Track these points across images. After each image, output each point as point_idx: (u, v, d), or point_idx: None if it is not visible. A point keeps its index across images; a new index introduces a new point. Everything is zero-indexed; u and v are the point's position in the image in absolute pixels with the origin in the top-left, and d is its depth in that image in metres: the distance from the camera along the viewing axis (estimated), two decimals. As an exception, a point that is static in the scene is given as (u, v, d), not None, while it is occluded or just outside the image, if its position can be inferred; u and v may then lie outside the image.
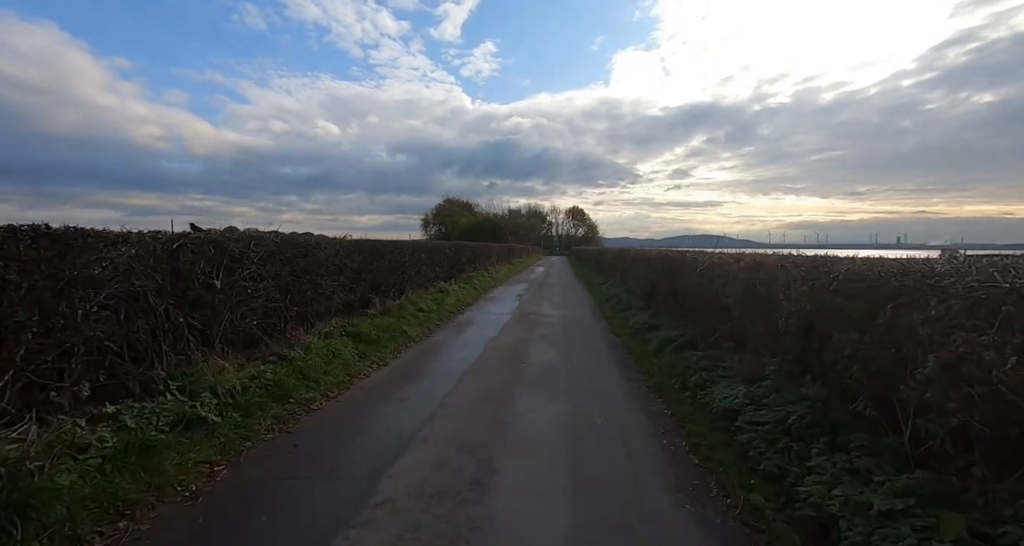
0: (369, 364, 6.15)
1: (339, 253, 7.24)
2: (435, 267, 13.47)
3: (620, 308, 11.42)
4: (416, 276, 11.59)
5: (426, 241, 12.35)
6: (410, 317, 9.06)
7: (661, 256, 9.12)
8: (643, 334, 8.25)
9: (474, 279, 16.92)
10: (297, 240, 6.10)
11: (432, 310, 10.31)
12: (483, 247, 22.44)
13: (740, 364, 5.18)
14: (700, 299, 7.10)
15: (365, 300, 8.69)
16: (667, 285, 8.70)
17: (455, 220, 70.24)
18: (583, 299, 14.44)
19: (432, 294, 12.11)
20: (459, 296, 13.25)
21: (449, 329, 9.11)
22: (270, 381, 4.58)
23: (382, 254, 9.20)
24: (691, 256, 7.43)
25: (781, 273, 4.24)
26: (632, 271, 13.11)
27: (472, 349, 7.22)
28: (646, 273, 10.62)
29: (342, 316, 7.62)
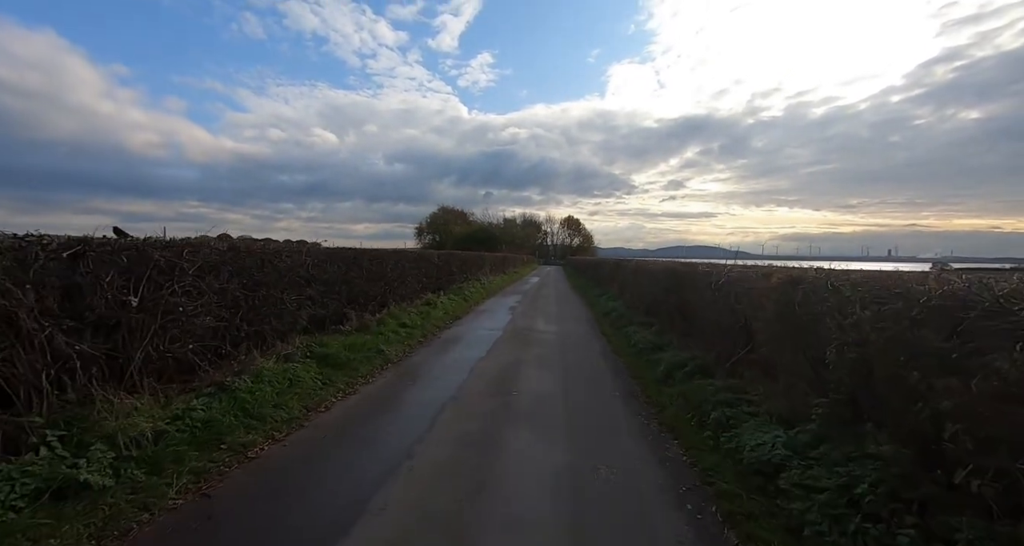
0: (334, 392, 5.26)
1: (307, 263, 6.39)
2: (422, 278, 12.61)
3: (620, 324, 10.59)
4: (400, 288, 10.73)
5: (411, 250, 11.51)
6: (390, 334, 8.19)
7: (667, 269, 8.32)
8: (648, 355, 7.42)
9: (465, 290, 16.07)
10: (251, 248, 5.25)
11: (416, 325, 9.44)
12: (475, 256, 21.62)
13: (770, 399, 4.36)
14: (714, 318, 6.29)
15: (340, 315, 7.82)
16: (674, 300, 7.90)
17: (450, 229, 69.51)
18: (580, 313, 13.61)
19: (418, 307, 11.24)
20: (448, 309, 12.38)
21: (433, 347, 8.24)
22: (199, 421, 3.70)
23: (360, 264, 8.34)
24: (704, 269, 6.63)
25: (830, 294, 3.44)
26: (632, 283, 12.32)
27: (456, 374, 6.35)
28: (649, 286, 9.82)
29: (310, 334, 6.75)
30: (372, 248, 9.24)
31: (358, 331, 7.81)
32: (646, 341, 8.19)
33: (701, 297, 6.73)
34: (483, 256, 23.00)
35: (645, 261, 11.75)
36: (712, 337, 6.49)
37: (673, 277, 7.89)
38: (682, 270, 7.57)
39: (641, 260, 12.42)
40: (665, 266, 8.69)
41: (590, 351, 8.31)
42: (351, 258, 8.05)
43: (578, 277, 30.89)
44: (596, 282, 21.65)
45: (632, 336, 9.09)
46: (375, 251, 9.27)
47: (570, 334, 9.93)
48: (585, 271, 29.64)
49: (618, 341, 9.16)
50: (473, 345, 8.44)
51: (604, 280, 19.42)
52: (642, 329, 9.42)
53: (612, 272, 17.54)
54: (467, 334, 9.64)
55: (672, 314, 8.11)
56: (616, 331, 10.14)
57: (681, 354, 6.80)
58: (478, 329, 10.27)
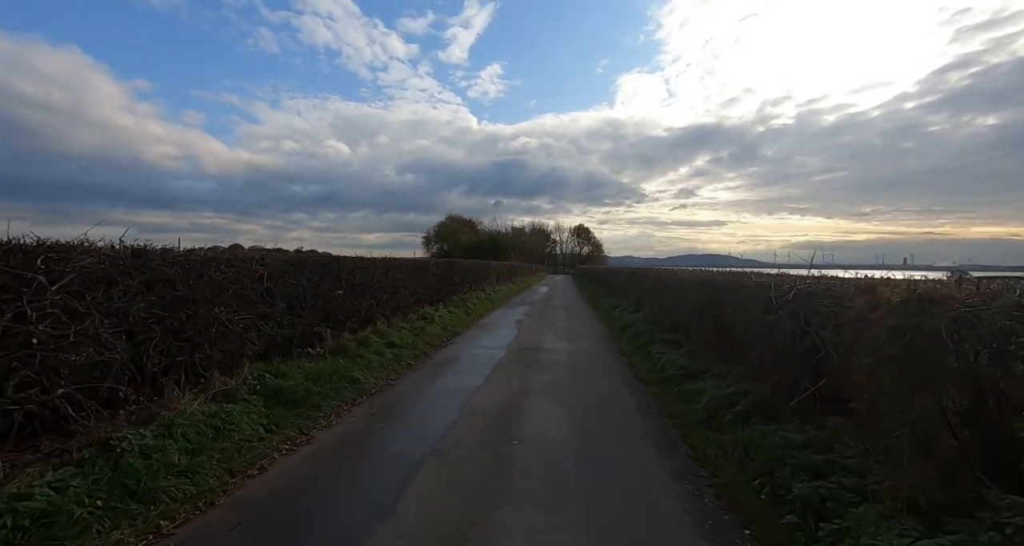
0: (278, 443, 4.01)
1: (260, 274, 5.19)
2: (417, 289, 11.40)
3: (640, 341, 9.25)
4: (391, 301, 9.51)
5: (405, 258, 10.32)
6: (372, 356, 6.95)
7: (701, 279, 6.99)
8: (681, 384, 6.09)
9: (468, 301, 14.83)
10: (169, 256, 4.05)
11: (407, 344, 8.19)
12: (481, 265, 20.40)
13: (883, 469, 3.01)
14: (770, 342, 4.96)
15: (312, 335, 6.60)
16: (711, 317, 6.56)
17: (457, 238, 68.51)
18: (594, 327, 12.28)
19: (412, 322, 10.01)
20: (446, 323, 11.13)
21: (423, 372, 6.97)
22: (30, 516, 2.45)
23: (337, 274, 7.13)
24: (756, 281, 5.31)
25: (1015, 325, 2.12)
26: (652, 295, 10.98)
27: (445, 411, 5.08)
28: (676, 299, 8.49)
29: (267, 361, 5.53)
30: (355, 256, 8.04)
31: (333, 354, 6.58)
32: (675, 365, 6.86)
33: (750, 314, 5.41)
34: (489, 265, 21.77)
35: (668, 270, 10.40)
36: (766, 365, 5.15)
37: (710, 290, 6.56)
38: (723, 281, 6.24)
39: (664, 269, 11.08)
40: (697, 276, 7.35)
41: (608, 377, 6.99)
42: (326, 267, 6.84)
43: (589, 287, 29.52)
44: (609, 292, 20.29)
45: (657, 357, 7.76)
46: (359, 260, 8.06)
47: (584, 354, 8.61)
48: (596, 280, 28.27)
49: (640, 363, 7.83)
50: (470, 369, 7.16)
51: (618, 291, 18.07)
52: (668, 349, 8.08)
53: (627, 282, 16.20)
54: (465, 354, 8.36)
55: (708, 333, 6.77)
56: (637, 350, 8.80)
57: (725, 385, 5.47)
58: (478, 348, 8.99)
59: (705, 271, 7.49)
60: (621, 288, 17.30)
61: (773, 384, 4.95)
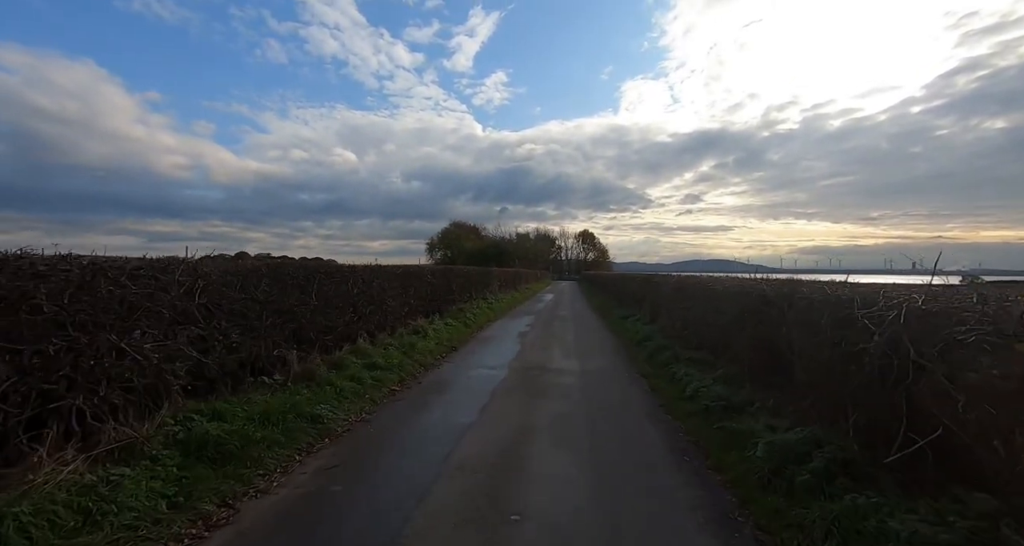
0: (184, 527, 2.87)
1: (189, 287, 4.07)
2: (409, 299, 10.27)
3: (662, 359, 8.05)
4: (376, 314, 8.38)
5: (394, 265, 9.20)
6: (346, 383, 5.81)
7: (744, 289, 5.79)
8: (721, 419, 4.89)
9: (467, 312, 13.68)
10: (29, 268, 2.94)
11: (392, 365, 7.05)
12: (481, 272, 19.27)
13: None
14: (848, 376, 3.77)
15: (272, 360, 5.47)
16: (756, 335, 5.38)
17: (461, 244, 67.58)
18: (605, 341, 11.08)
19: (401, 337, 8.87)
20: (442, 338, 9.99)
21: (406, 402, 5.82)
22: None
23: (305, 285, 6.02)
24: (827, 294, 4.13)
25: None
26: (673, 305, 9.78)
27: (421, 469, 3.91)
28: (706, 312, 7.29)
29: (211, 394, 4.41)
30: (329, 261, 6.91)
31: (297, 382, 5.45)
32: (710, 393, 5.66)
33: (816, 336, 4.22)
34: (491, 272, 20.63)
35: (694, 278, 9.20)
36: (837, 401, 3.97)
37: (757, 303, 5.37)
38: (776, 294, 5.04)
39: (687, 276, 9.87)
40: (740, 286, 6.14)
41: (630, 408, 5.80)
42: (289, 277, 5.73)
43: (596, 295, 28.30)
44: (619, 301, 19.08)
45: (684, 381, 6.57)
46: (334, 267, 6.95)
47: (597, 375, 7.43)
48: (605, 288, 27.05)
49: (665, 388, 6.64)
50: (463, 397, 6.00)
51: (629, 299, 16.86)
52: (697, 371, 6.88)
53: (641, 290, 15.00)
54: (460, 376, 7.20)
55: (751, 355, 5.58)
56: (658, 371, 7.61)
57: (782, 426, 4.28)
58: (475, 368, 7.83)
59: (750, 279, 6.29)
60: (633, 296, 16.09)
61: (851, 428, 3.78)
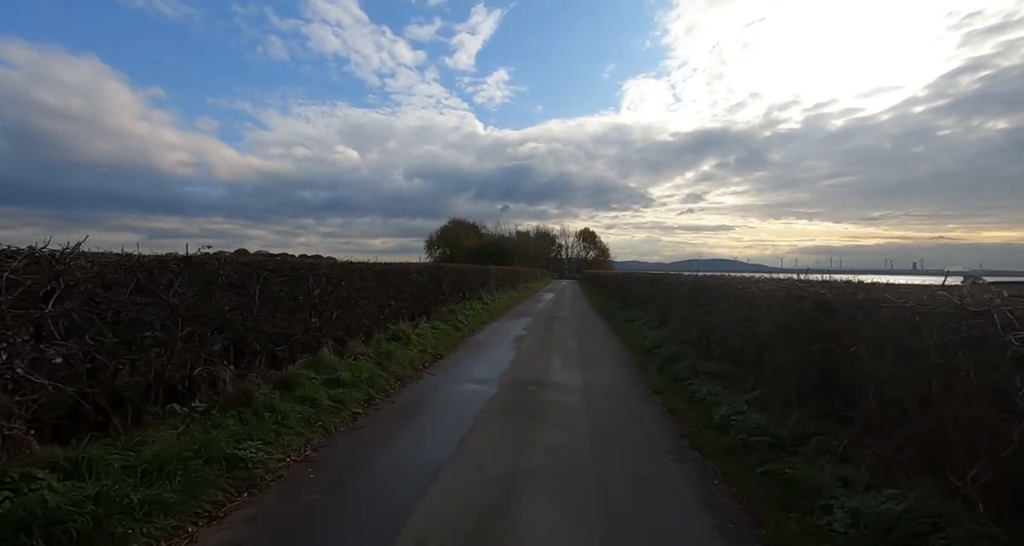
0: None
1: (46, 291, 2.91)
2: (391, 300, 9.10)
3: (678, 373, 6.90)
4: (347, 318, 7.23)
5: (370, 262, 7.99)
6: (293, 407, 4.66)
7: (792, 294, 4.58)
8: (767, 461, 3.76)
9: (459, 313, 12.51)
10: None
11: (360, 379, 5.90)
12: (477, 271, 18.10)
13: None
14: (975, 413, 2.62)
15: (195, 381, 4.32)
16: (810, 352, 4.20)
17: (460, 242, 66.34)
18: (611, 348, 9.93)
19: (378, 344, 7.72)
20: (427, 344, 8.83)
21: (367, 431, 4.67)
22: None
23: (245, 286, 4.84)
24: (934, 305, 2.97)
25: None
26: (688, 309, 8.62)
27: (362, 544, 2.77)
28: (736, 319, 6.12)
29: (85, 436, 3.26)
30: (279, 255, 5.73)
31: (228, 408, 4.30)
32: (747, 422, 4.52)
33: (914, 362, 3.06)
34: (487, 270, 19.44)
35: (716, 279, 8.00)
36: (955, 456, 2.82)
37: (809, 310, 4.19)
38: (839, 301, 3.85)
39: (706, 276, 8.67)
40: (781, 288, 4.93)
41: (647, 441, 4.64)
42: (220, 275, 4.55)
43: (598, 294, 27.13)
44: (623, 302, 17.91)
45: (709, 403, 5.43)
46: (287, 262, 5.76)
47: (604, 393, 6.27)
48: (607, 287, 25.86)
49: (686, 410, 5.50)
50: (440, 425, 4.85)
51: (634, 300, 15.69)
52: (723, 389, 5.74)
53: (647, 291, 13.83)
54: (440, 395, 6.04)
55: (800, 375, 4.41)
56: (674, 387, 6.46)
57: (863, 482, 3.13)
58: (461, 382, 6.67)
59: (798, 280, 5.09)
60: (639, 298, 14.92)
61: (977, 497, 2.64)
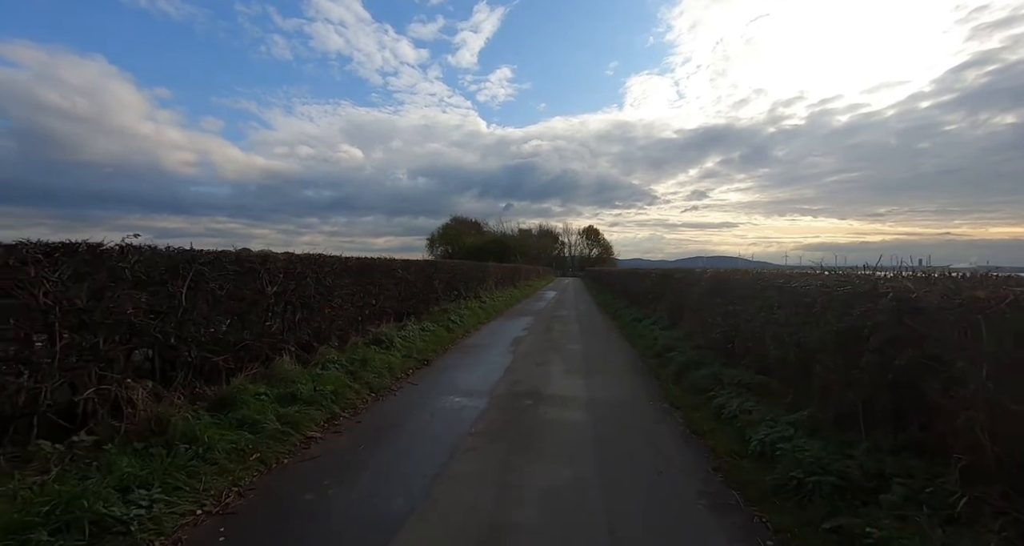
0: None
1: None
2: (372, 299, 8.13)
3: (698, 382, 5.89)
4: (317, 319, 6.26)
5: (345, 258, 6.97)
6: (222, 435, 3.70)
7: (861, 292, 3.54)
8: (839, 515, 2.76)
9: (453, 313, 11.54)
10: None
11: (322, 395, 4.93)
12: (475, 267, 17.11)
13: None
14: None
15: (92, 404, 3.35)
16: (885, 367, 3.19)
17: (462, 240, 65.39)
18: (618, 352, 8.94)
19: (354, 350, 6.76)
20: (412, 348, 7.85)
21: (315, 465, 3.70)
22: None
23: (167, 283, 3.86)
24: None
25: None
26: (706, 308, 7.60)
27: None
28: (771, 322, 5.10)
29: None
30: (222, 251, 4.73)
31: (133, 439, 3.33)
32: (799, 453, 3.52)
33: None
34: (485, 267, 18.43)
35: (742, 273, 6.98)
36: None
37: (888, 315, 3.16)
38: (938, 304, 2.82)
39: (728, 271, 7.64)
40: (843, 284, 3.87)
41: (673, 479, 3.65)
42: (127, 269, 3.57)
43: (602, 292, 26.11)
44: (629, 300, 16.89)
45: (742, 421, 4.44)
46: (231, 256, 4.78)
47: (613, 408, 5.28)
48: (611, 285, 24.83)
49: (713, 430, 4.51)
50: (409, 459, 3.87)
51: (641, 298, 14.68)
52: (757, 403, 4.75)
53: (656, 288, 12.81)
54: (417, 413, 5.06)
55: (869, 394, 3.40)
56: (695, 399, 5.47)
57: None
58: (445, 396, 5.69)
59: (866, 275, 4.03)
60: (647, 296, 13.90)
61: None
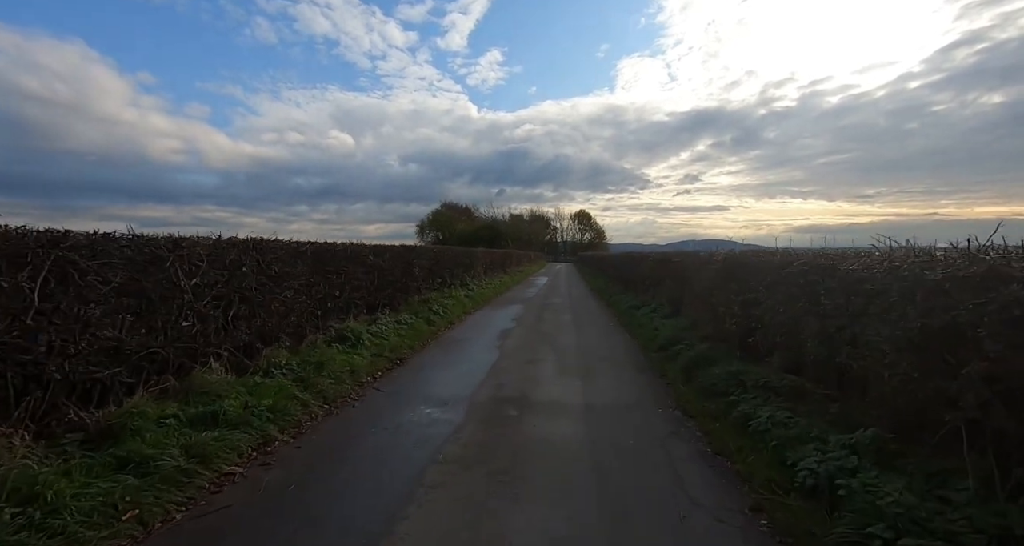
0: None
1: None
2: (335, 291, 7.07)
3: (714, 383, 4.95)
4: (263, 316, 5.20)
5: (301, 242, 5.82)
6: (84, 485, 2.69)
7: (985, 279, 2.53)
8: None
9: (435, 303, 10.51)
10: None
11: (253, 414, 3.92)
12: (462, 253, 16.04)
13: None
14: None
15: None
16: (997, 375, 2.22)
17: (452, 226, 64.07)
18: (616, 343, 8.00)
19: (310, 352, 5.74)
20: (384, 345, 6.84)
21: (208, 531, 2.70)
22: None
23: (10, 273, 2.80)
24: None
25: None
26: (718, 295, 6.64)
27: None
28: (804, 315, 4.13)
29: None
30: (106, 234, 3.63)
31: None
32: (880, 499, 2.58)
33: None
34: (473, 253, 17.35)
35: (762, 255, 5.98)
36: None
37: (1011, 303, 2.18)
38: None
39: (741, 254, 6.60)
40: (936, 267, 2.87)
41: (697, 529, 2.69)
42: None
43: (595, 277, 25.19)
44: (625, 286, 15.97)
45: (777, 439, 3.50)
46: (119, 241, 3.69)
47: (615, 418, 4.32)
48: (604, 270, 23.89)
49: (741, 450, 3.58)
50: (352, 505, 2.88)
51: (638, 284, 13.75)
52: (789, 410, 3.81)
53: (655, 273, 11.86)
54: (373, 434, 4.06)
55: (978, 419, 2.45)
56: (712, 404, 4.54)
57: None
58: (413, 406, 4.70)
59: (982, 252, 3.02)
60: (644, 282, 12.96)
61: None
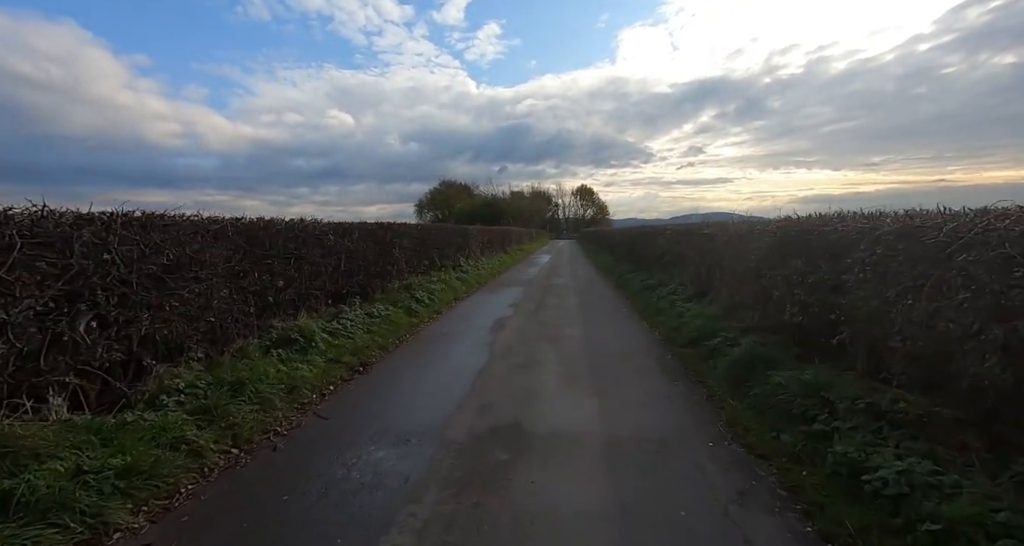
0: None
1: None
2: (277, 280, 5.65)
3: (786, 402, 3.59)
4: (144, 323, 3.80)
5: (216, 218, 4.28)
6: None
7: None
8: None
9: (417, 291, 9.09)
10: None
11: (85, 488, 2.56)
12: (453, 231, 14.53)
13: None
14: None
15: None
16: None
17: (452, 204, 62.31)
18: (630, 334, 6.62)
19: (232, 365, 4.37)
20: (340, 350, 5.47)
21: None
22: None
23: None
24: None
25: None
26: (772, 280, 5.20)
27: None
28: (975, 311, 2.68)
29: None
30: None
31: None
32: None
33: None
34: (465, 231, 15.82)
35: (835, 222, 4.42)
36: None
37: None
38: None
39: (806, 220, 5.00)
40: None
41: None
42: None
43: (600, 254, 23.69)
44: (635, 264, 14.49)
45: (929, 514, 2.14)
46: None
47: (651, 469, 2.93)
48: (612, 247, 22.34)
49: (864, 530, 2.19)
50: None
51: (652, 262, 12.28)
52: (934, 462, 2.45)
53: (674, 249, 10.37)
54: (283, 511, 2.71)
55: None
56: (792, 438, 3.16)
57: None
58: (360, 451, 3.32)
59: None
60: (659, 258, 11.49)
61: None
